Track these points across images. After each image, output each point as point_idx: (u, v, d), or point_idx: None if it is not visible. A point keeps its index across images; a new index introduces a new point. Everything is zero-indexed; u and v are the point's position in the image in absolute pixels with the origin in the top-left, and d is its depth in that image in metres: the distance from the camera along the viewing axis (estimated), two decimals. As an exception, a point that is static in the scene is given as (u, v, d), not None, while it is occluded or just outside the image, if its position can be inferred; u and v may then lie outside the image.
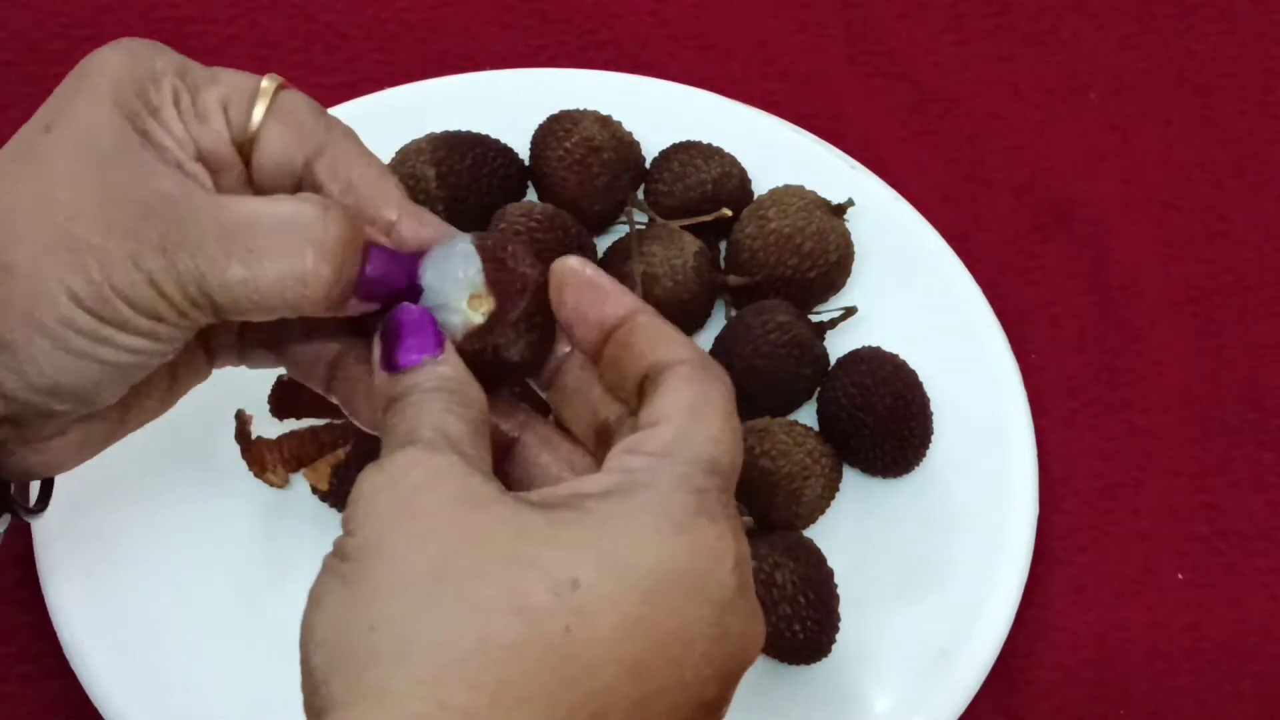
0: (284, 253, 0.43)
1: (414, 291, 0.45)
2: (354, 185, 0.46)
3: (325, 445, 0.62)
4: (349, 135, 0.47)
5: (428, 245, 0.46)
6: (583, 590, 0.38)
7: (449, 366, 0.43)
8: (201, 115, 0.46)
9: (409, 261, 0.45)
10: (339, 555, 0.41)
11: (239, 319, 0.44)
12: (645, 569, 0.39)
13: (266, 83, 0.46)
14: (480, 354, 0.44)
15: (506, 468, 0.46)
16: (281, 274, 0.43)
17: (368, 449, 0.60)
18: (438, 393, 0.43)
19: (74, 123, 0.44)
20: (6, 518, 0.48)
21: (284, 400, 0.62)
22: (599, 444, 0.45)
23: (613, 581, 0.38)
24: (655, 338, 0.43)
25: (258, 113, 0.46)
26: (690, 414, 0.42)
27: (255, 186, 0.46)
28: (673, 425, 0.41)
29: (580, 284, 0.44)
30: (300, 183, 0.46)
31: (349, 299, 0.44)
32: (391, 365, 0.44)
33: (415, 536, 0.39)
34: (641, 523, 0.39)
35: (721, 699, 0.40)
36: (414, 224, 0.46)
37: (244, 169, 0.46)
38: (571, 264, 0.44)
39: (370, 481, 0.41)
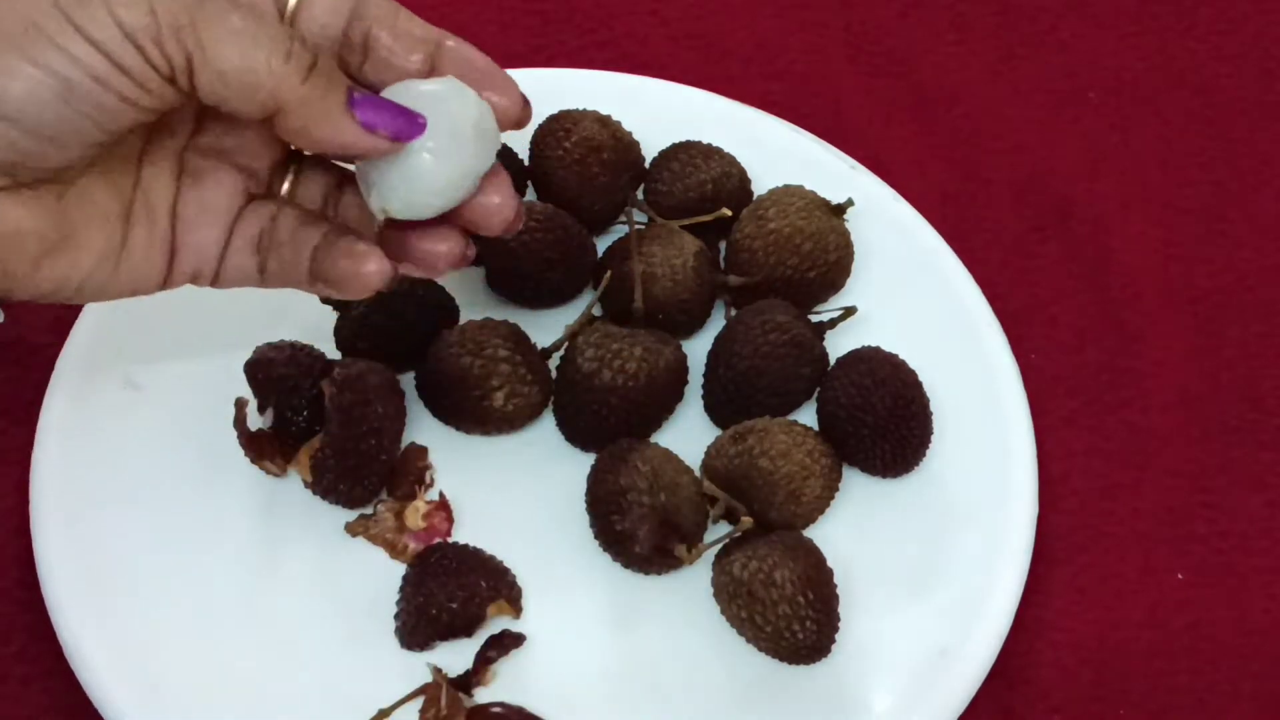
0: (283, 35, 0.46)
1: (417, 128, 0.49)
2: (400, 25, 0.50)
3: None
4: None
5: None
6: None
7: None
8: None
9: (403, 109, 0.48)
10: None
11: (207, 88, 0.46)
12: None
13: None
14: None
15: None
16: (274, 45, 0.46)
17: (341, 437, 0.60)
18: None
19: None
20: None
21: (256, 446, 0.62)
22: None
23: None
24: None
25: None
26: None
27: None
28: None
29: None
30: (346, 41, 0.50)
31: (335, 105, 0.47)
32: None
33: None
34: None
35: None
36: (459, 48, 0.51)
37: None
38: None
39: None
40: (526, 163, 0.70)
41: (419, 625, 0.59)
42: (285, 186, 0.53)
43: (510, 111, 0.51)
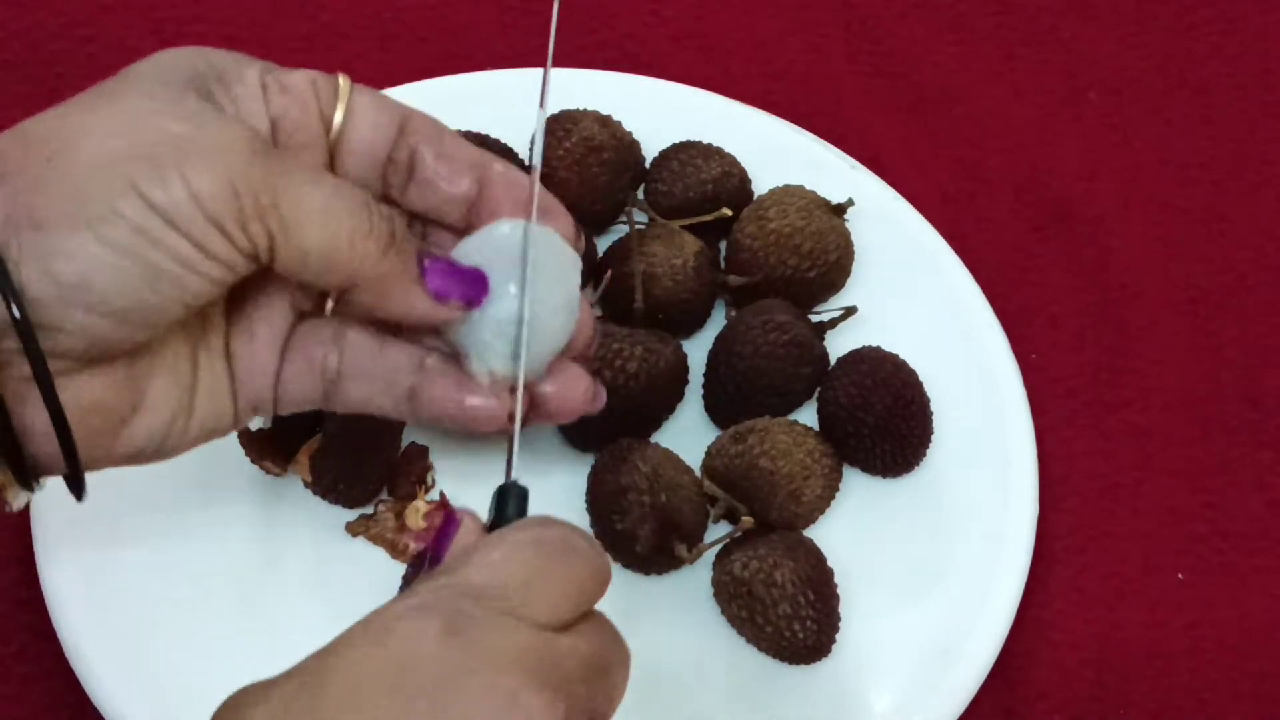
0: (359, 203, 0.44)
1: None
2: (446, 147, 0.49)
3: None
4: (425, 113, 0.49)
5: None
6: None
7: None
8: (288, 89, 0.46)
9: (470, 272, 0.47)
10: None
11: (287, 261, 0.44)
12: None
13: (343, 79, 0.48)
14: None
15: None
16: (354, 218, 0.44)
17: (341, 437, 0.60)
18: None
19: (143, 72, 0.44)
20: (24, 495, 0.46)
21: (256, 446, 0.62)
22: None
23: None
24: None
25: (342, 100, 0.47)
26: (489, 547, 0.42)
27: (342, 175, 0.47)
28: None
29: None
30: (390, 161, 0.48)
31: (405, 272, 0.46)
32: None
33: None
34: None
35: None
36: (508, 174, 0.49)
37: (326, 155, 0.47)
38: None
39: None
40: (527, 162, 0.70)
41: (419, 625, 0.59)
42: (330, 301, 0.50)
43: (569, 236, 0.50)
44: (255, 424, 0.62)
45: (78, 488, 0.47)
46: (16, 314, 0.41)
